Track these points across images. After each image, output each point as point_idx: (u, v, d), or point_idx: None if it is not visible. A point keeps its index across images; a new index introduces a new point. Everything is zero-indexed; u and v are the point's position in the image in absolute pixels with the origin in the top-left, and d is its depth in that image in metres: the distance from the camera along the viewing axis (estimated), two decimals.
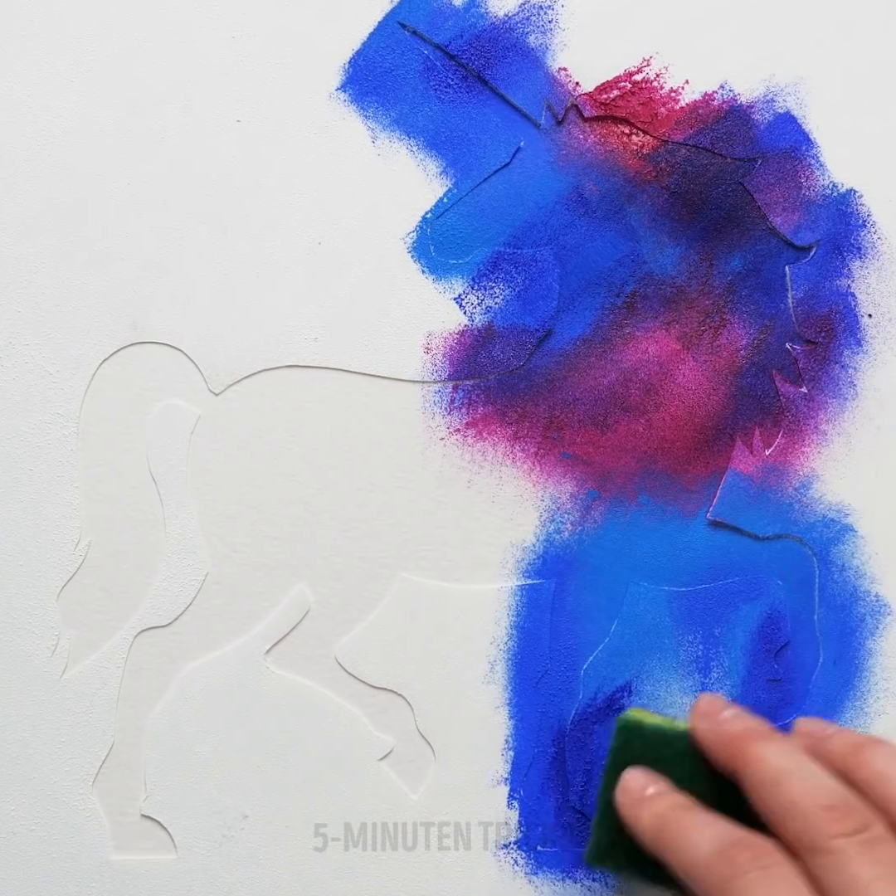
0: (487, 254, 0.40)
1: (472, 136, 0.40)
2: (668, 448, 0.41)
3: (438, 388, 0.40)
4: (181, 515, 0.39)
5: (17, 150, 0.39)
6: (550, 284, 0.40)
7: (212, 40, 0.39)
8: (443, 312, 0.40)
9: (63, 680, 0.39)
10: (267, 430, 0.39)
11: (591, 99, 0.40)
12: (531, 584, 0.40)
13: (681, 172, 0.40)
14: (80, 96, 0.39)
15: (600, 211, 0.40)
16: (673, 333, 0.41)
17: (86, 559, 0.39)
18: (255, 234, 0.39)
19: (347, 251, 0.40)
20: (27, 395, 0.39)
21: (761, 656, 0.41)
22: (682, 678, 0.41)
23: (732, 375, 0.41)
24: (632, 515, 0.41)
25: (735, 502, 0.41)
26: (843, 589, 0.41)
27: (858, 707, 0.41)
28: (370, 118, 0.40)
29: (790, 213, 0.41)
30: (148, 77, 0.39)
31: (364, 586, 0.40)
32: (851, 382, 0.41)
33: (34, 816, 0.39)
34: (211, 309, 0.39)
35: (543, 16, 0.40)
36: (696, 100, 0.40)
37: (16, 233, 0.39)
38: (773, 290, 0.41)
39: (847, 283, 0.41)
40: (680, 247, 0.41)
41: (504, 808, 0.40)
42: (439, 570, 0.40)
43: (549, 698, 0.40)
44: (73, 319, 0.39)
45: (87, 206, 0.39)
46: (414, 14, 0.40)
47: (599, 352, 0.41)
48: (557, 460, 0.40)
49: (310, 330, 0.40)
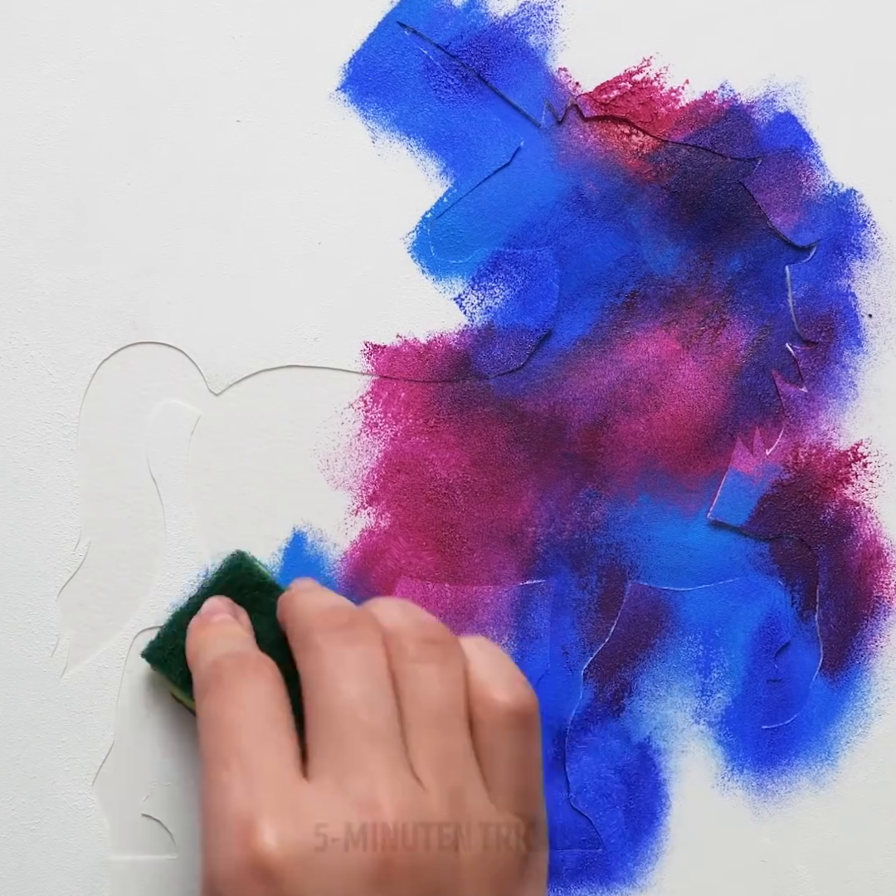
0: (487, 254, 0.40)
1: (472, 136, 0.40)
2: (669, 448, 0.41)
3: (438, 388, 0.40)
4: (181, 515, 0.39)
5: (17, 150, 0.39)
6: (550, 284, 0.40)
7: (212, 40, 0.39)
8: (443, 312, 0.40)
9: (63, 680, 0.38)
10: (267, 430, 0.39)
11: (591, 99, 0.40)
12: (531, 584, 0.40)
13: (681, 172, 0.40)
14: (79, 96, 0.39)
15: (600, 211, 0.40)
16: (673, 333, 0.41)
17: (86, 559, 0.39)
18: (255, 234, 0.39)
19: (347, 251, 0.40)
20: (27, 395, 0.39)
21: (761, 656, 0.41)
22: (682, 678, 0.41)
23: (732, 375, 0.41)
24: (632, 515, 0.41)
25: (735, 502, 0.41)
26: (843, 589, 0.41)
27: (858, 707, 0.41)
28: (370, 118, 0.40)
29: (790, 213, 0.41)
30: (148, 77, 0.39)
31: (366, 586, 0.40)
32: (852, 382, 0.41)
33: (34, 816, 0.38)
34: (211, 309, 0.39)
35: (543, 16, 0.40)
36: (697, 100, 0.40)
37: (15, 232, 0.39)
38: (773, 290, 0.41)
39: (847, 284, 0.41)
40: (680, 247, 0.41)
41: None
42: (440, 571, 0.40)
43: (549, 698, 0.40)
44: (73, 319, 0.39)
45: (86, 206, 0.39)
46: (414, 14, 0.40)
47: (599, 352, 0.41)
48: (557, 460, 0.40)
49: (310, 330, 0.40)
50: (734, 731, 0.41)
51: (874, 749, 0.41)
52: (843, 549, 0.41)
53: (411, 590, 0.40)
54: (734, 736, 0.41)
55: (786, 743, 0.41)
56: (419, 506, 0.40)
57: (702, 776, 0.41)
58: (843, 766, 0.41)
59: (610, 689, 0.41)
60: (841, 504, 0.41)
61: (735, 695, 0.41)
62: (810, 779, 0.41)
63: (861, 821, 0.41)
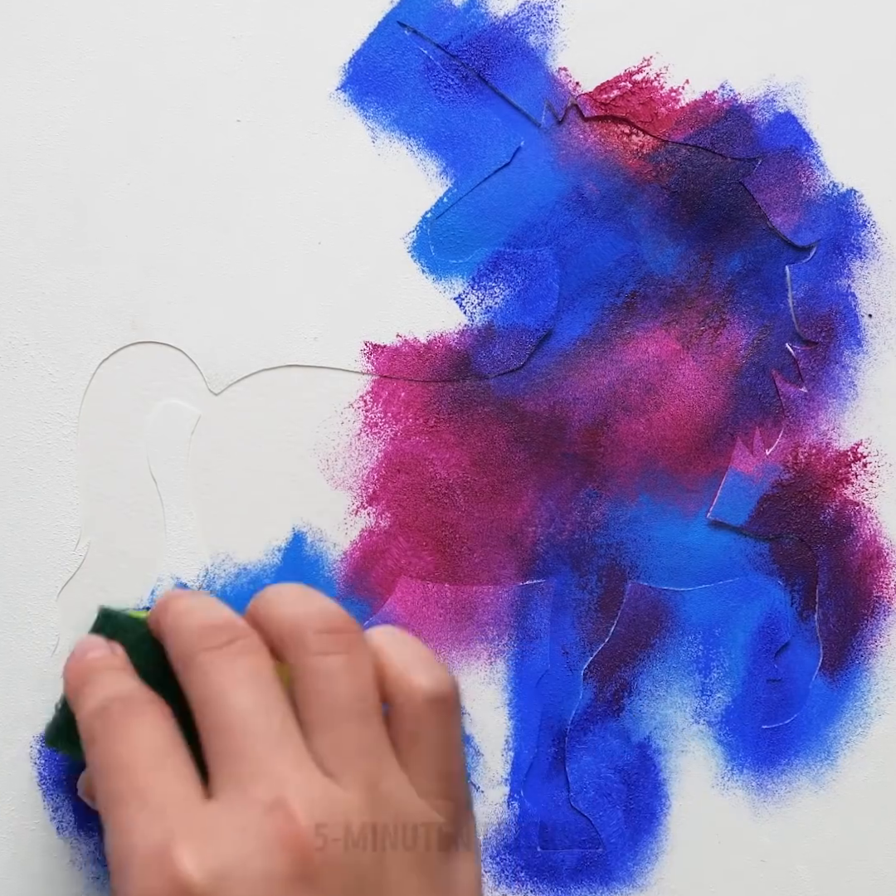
0: (487, 254, 0.40)
1: (472, 136, 0.40)
2: (669, 448, 0.41)
3: (438, 388, 0.40)
4: (181, 515, 0.39)
5: (17, 150, 0.39)
6: (550, 284, 0.40)
7: (212, 40, 0.39)
8: (443, 312, 0.40)
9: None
10: (267, 430, 0.39)
11: (592, 99, 0.40)
12: (531, 584, 0.40)
13: (681, 172, 0.40)
14: (79, 96, 0.39)
15: (600, 211, 0.40)
16: (673, 333, 0.41)
17: (86, 559, 0.39)
18: (255, 233, 0.39)
19: (347, 251, 0.40)
20: (27, 395, 0.39)
21: (761, 656, 0.41)
22: (682, 678, 0.41)
23: (732, 375, 0.41)
24: (632, 515, 0.41)
25: (735, 502, 0.41)
26: (843, 589, 0.41)
27: (858, 707, 0.41)
28: (370, 118, 0.40)
29: (790, 213, 0.41)
30: (148, 77, 0.39)
31: (365, 586, 0.40)
32: (852, 382, 0.41)
33: (34, 816, 0.38)
34: (211, 309, 0.39)
35: (543, 16, 0.40)
36: (697, 100, 0.40)
37: (15, 232, 0.39)
38: (773, 290, 0.41)
39: (847, 283, 0.41)
40: (680, 247, 0.41)
41: (504, 808, 0.40)
42: (440, 571, 0.40)
43: (549, 698, 0.40)
44: (73, 319, 0.39)
45: (86, 206, 0.39)
46: (414, 14, 0.40)
47: (599, 352, 0.41)
48: (557, 460, 0.40)
49: (310, 330, 0.40)
50: (734, 730, 0.41)
51: (874, 749, 0.41)
52: (843, 549, 0.41)
53: (411, 590, 0.40)
54: (734, 736, 0.41)
55: (786, 743, 0.41)
56: (419, 506, 0.40)
57: (702, 776, 0.41)
58: (843, 766, 0.41)
59: (610, 689, 0.41)
60: (841, 504, 0.41)
61: (735, 695, 0.41)
62: (810, 779, 0.41)
63: (861, 821, 0.41)
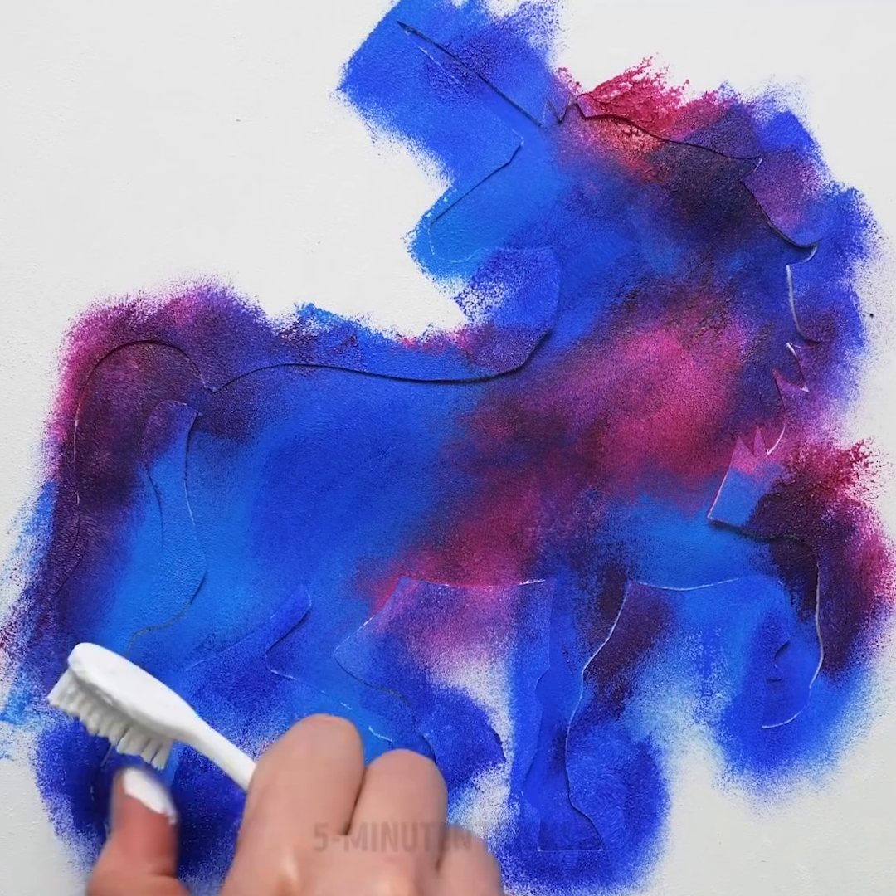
0: (487, 253, 0.40)
1: (472, 136, 0.40)
2: (669, 448, 0.41)
3: (437, 387, 0.40)
4: (181, 515, 0.39)
5: (17, 149, 0.39)
6: (550, 284, 0.40)
7: (212, 40, 0.39)
8: (443, 312, 0.40)
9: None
10: (267, 430, 0.40)
11: (592, 99, 0.40)
12: (531, 583, 0.40)
13: (681, 172, 0.40)
14: (79, 96, 0.39)
15: (601, 210, 0.40)
16: (673, 333, 0.41)
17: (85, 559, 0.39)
18: (254, 233, 0.39)
19: (347, 251, 0.40)
20: (27, 395, 0.39)
21: (761, 656, 0.41)
22: (683, 678, 0.41)
23: (733, 375, 0.41)
24: (632, 515, 0.41)
25: (736, 502, 0.41)
26: (844, 589, 0.41)
27: (859, 707, 0.41)
28: (370, 118, 0.40)
29: (791, 213, 0.41)
30: (147, 76, 0.39)
31: (365, 587, 0.40)
32: (853, 382, 0.41)
33: (34, 816, 0.39)
34: (210, 309, 0.39)
35: (543, 16, 0.40)
36: (697, 99, 0.40)
37: (14, 232, 0.39)
38: (774, 289, 0.41)
39: (848, 283, 0.41)
40: (680, 246, 0.41)
41: (504, 808, 0.40)
42: (440, 571, 0.40)
43: (549, 698, 0.40)
44: (73, 319, 0.39)
45: (85, 206, 0.39)
46: (414, 14, 0.40)
47: (600, 351, 0.41)
48: (557, 460, 0.40)
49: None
50: (734, 730, 0.41)
51: (874, 749, 0.41)
52: (844, 549, 0.41)
53: (411, 590, 0.40)
54: (734, 736, 0.41)
55: (786, 743, 0.41)
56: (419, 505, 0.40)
57: (702, 776, 0.41)
58: (843, 766, 0.41)
59: (610, 689, 0.41)
60: (842, 504, 0.41)
61: (735, 695, 0.41)
62: (810, 779, 0.41)
63: (861, 821, 0.41)
